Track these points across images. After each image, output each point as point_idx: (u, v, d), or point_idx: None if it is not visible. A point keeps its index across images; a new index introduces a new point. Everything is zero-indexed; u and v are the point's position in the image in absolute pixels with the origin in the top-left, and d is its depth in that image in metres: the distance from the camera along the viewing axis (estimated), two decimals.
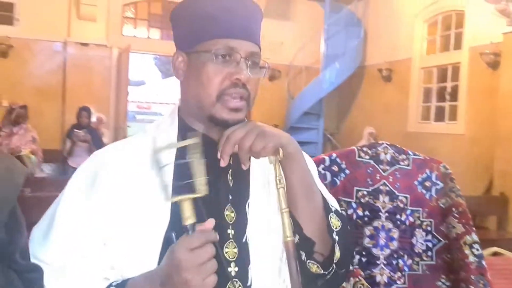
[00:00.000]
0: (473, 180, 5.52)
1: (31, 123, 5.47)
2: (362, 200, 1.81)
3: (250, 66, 0.79)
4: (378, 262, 1.80)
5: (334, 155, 1.85)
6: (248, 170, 0.81)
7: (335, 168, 1.80)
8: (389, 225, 1.85)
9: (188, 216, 0.68)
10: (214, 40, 0.78)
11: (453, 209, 1.94)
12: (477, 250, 1.91)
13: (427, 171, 1.94)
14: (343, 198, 1.78)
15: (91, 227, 0.76)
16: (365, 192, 1.81)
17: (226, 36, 0.78)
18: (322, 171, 1.78)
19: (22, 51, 6.81)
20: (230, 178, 0.81)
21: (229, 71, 0.78)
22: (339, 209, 0.88)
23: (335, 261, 0.79)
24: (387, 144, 1.92)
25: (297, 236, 0.78)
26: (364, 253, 1.80)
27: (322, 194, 0.82)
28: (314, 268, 0.78)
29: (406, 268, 1.89)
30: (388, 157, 1.87)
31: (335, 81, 7.52)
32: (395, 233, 1.86)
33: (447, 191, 1.95)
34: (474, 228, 1.97)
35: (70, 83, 7.07)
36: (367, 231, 1.80)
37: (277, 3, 8.04)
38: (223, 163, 0.73)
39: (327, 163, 1.80)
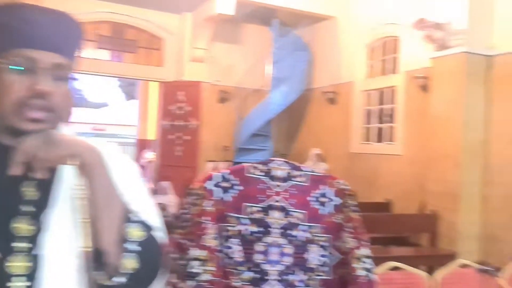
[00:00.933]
0: (410, 199, 5.69)
1: None
2: (254, 216, 1.83)
3: (54, 77, 0.80)
4: (269, 278, 1.81)
5: (227, 171, 1.88)
6: (51, 179, 0.81)
7: (227, 184, 1.83)
8: (282, 241, 1.88)
9: None
10: (14, 50, 0.79)
11: (347, 224, 1.99)
12: (368, 264, 1.96)
13: (324, 187, 1.99)
14: (234, 214, 1.80)
15: None
16: (256, 208, 1.83)
17: (27, 47, 0.79)
18: (214, 188, 1.80)
19: None
20: (24, 188, 0.80)
21: (28, 81, 0.79)
22: (152, 219, 0.87)
23: (131, 272, 0.78)
24: (283, 161, 1.97)
25: (93, 247, 0.78)
26: (256, 269, 1.81)
27: (125, 204, 0.82)
28: (105, 279, 0.78)
29: (300, 284, 1.91)
30: (282, 173, 1.91)
31: (282, 103, 7.66)
32: (289, 249, 1.89)
33: (343, 207, 2.01)
34: (367, 243, 2.02)
35: None
36: (259, 247, 1.81)
37: (227, 27, 8.16)
38: (13, 172, 0.73)
39: (219, 179, 1.82)
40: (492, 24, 4.89)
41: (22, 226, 0.78)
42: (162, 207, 4.61)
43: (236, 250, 1.75)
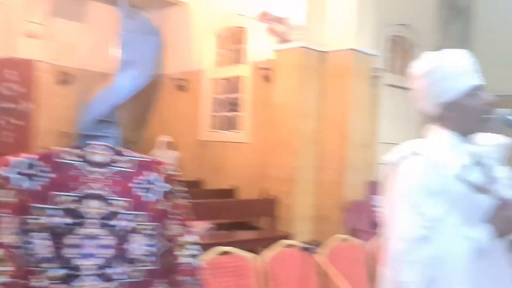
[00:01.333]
0: (254, 185, 5.93)
1: None
2: (66, 206, 1.64)
3: None
4: (82, 273, 1.65)
5: (35, 157, 1.64)
6: None
7: (34, 171, 1.60)
8: (100, 232, 1.72)
9: None
10: None
11: (175, 211, 1.92)
12: (193, 250, 1.92)
13: (149, 173, 1.87)
14: (40, 205, 1.58)
15: None
16: (69, 197, 1.65)
17: None
18: (15, 175, 1.56)
19: None
20: None
21: None
22: None
23: None
24: (104, 145, 1.80)
25: None
26: (66, 265, 1.62)
27: None
28: None
29: (123, 277, 1.78)
30: (102, 158, 1.74)
31: (129, 89, 7.30)
32: (110, 240, 1.74)
33: (171, 194, 1.92)
34: (193, 229, 1.98)
35: None
36: (71, 240, 1.63)
37: (68, 2, 7.45)
38: None
39: (24, 166, 1.58)
40: (326, 22, 5.32)
41: None
42: None
43: (43, 246, 1.54)
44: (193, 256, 1.87)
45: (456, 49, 1.51)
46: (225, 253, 2.24)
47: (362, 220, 4.69)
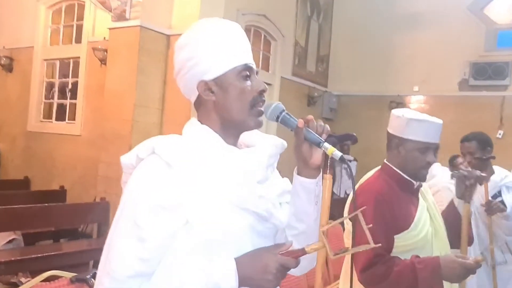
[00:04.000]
0: (86, 185, 5.10)
1: None
2: None
3: None
4: None
5: None
6: None
7: None
8: None
9: None
10: None
11: None
12: None
13: None
14: None
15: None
16: None
17: None
18: None
19: None
20: None
21: None
22: None
23: None
24: None
25: None
26: None
27: None
28: None
29: None
30: None
31: None
32: None
33: None
34: None
35: None
36: None
37: None
38: None
39: None
40: (170, 2, 4.70)
41: None
42: None
43: None
44: None
45: (228, 21, 1.11)
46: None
47: None
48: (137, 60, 4.53)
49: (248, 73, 1.06)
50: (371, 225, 0.96)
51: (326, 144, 1.03)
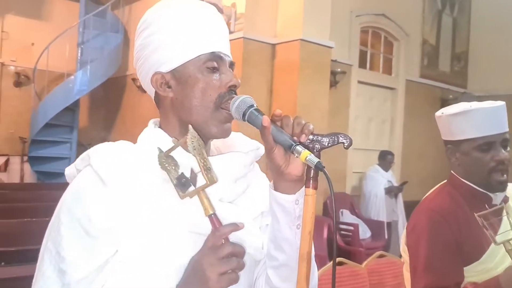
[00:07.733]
0: None
1: None
2: None
3: None
4: None
5: None
6: None
7: None
8: None
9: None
10: None
11: None
12: None
13: None
14: None
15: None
16: None
17: None
18: None
19: None
20: None
21: None
22: None
23: None
24: None
25: None
26: None
27: None
28: None
29: None
30: None
31: (84, 89, 6.75)
32: None
33: None
34: None
35: None
36: None
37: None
38: None
39: None
40: (271, 11, 4.61)
41: None
42: None
43: None
44: None
45: None
46: None
47: None
48: (241, 72, 4.54)
49: (215, 64, 0.84)
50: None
51: (298, 147, 0.76)
